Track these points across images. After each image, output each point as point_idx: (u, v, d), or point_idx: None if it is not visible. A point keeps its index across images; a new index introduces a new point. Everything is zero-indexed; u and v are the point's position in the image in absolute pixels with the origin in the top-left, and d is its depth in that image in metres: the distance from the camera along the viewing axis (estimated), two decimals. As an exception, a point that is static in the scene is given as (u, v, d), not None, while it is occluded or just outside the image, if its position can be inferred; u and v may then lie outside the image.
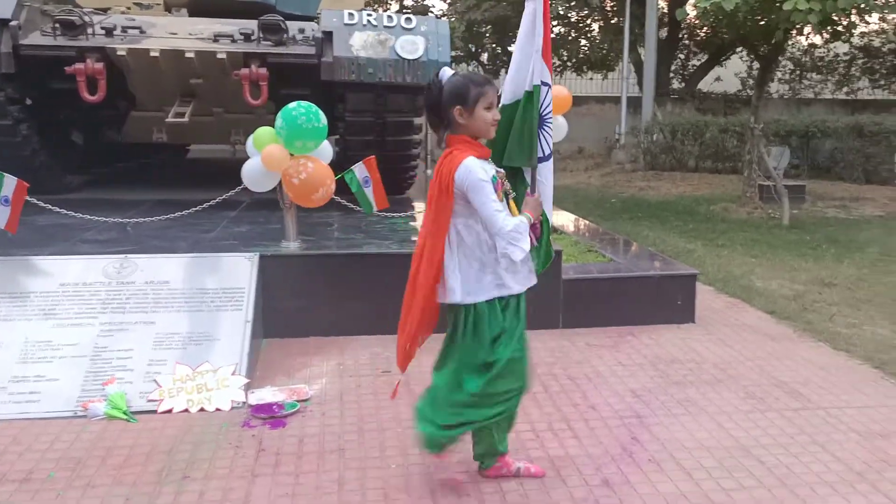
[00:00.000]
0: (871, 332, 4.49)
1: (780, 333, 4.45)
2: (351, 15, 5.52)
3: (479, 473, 2.65)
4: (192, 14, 6.26)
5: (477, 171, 2.32)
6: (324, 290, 4.14)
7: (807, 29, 9.12)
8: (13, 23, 5.12)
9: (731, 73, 19.93)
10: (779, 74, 19.30)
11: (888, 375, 3.76)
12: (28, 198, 3.83)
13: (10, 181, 3.69)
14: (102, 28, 5.31)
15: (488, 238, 2.39)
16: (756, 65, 15.77)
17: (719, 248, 7.09)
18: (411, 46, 5.49)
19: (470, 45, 18.54)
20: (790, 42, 15.33)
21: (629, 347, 4.12)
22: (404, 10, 18.76)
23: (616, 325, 4.44)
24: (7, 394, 3.15)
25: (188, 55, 5.31)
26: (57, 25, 5.22)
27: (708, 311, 4.83)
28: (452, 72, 2.42)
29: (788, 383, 3.62)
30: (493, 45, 19.50)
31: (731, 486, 2.63)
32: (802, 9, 7.58)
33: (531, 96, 2.46)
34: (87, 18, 5.28)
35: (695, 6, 8.76)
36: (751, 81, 18.72)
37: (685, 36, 19.27)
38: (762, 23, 8.75)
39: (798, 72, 19.88)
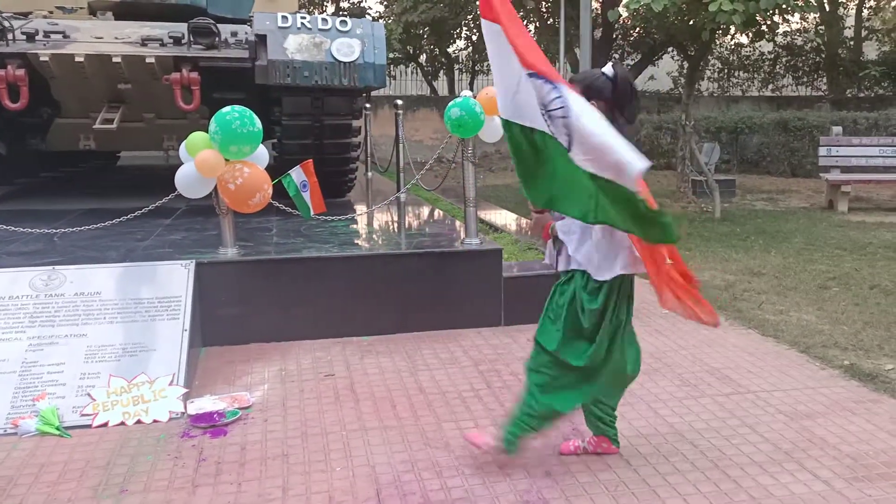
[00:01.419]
0: (796, 318, 4.71)
1: (713, 322, 4.62)
2: (285, 18, 5.47)
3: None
4: (118, 18, 6.07)
5: None
6: (264, 296, 4.10)
7: (732, 29, 9.48)
8: (-73, 28, 4.88)
9: (663, 73, 20.56)
10: (708, 73, 20.03)
11: (813, 359, 3.95)
12: (-54, 210, 3.66)
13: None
14: (23, 33, 5.11)
15: None
16: (686, 64, 16.31)
17: (655, 242, 7.30)
18: (347, 49, 5.48)
19: (408, 48, 18.56)
20: (717, 42, 15.93)
21: (569, 341, 4.21)
22: (341, 13, 18.65)
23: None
24: (-72, 415, 3.01)
25: (115, 60, 5.16)
26: (-26, 30, 5.00)
27: (644, 304, 4.95)
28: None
29: (720, 369, 3.77)
30: (431, 47, 19.58)
31: (668, 470, 2.73)
32: (727, 10, 7.88)
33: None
34: (6, 23, 5.07)
35: (626, 7, 9.00)
36: (682, 80, 19.34)
37: (619, 36, 19.76)
38: (690, 23, 9.06)
39: (726, 70, 20.66)
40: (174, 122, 5.96)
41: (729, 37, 15.94)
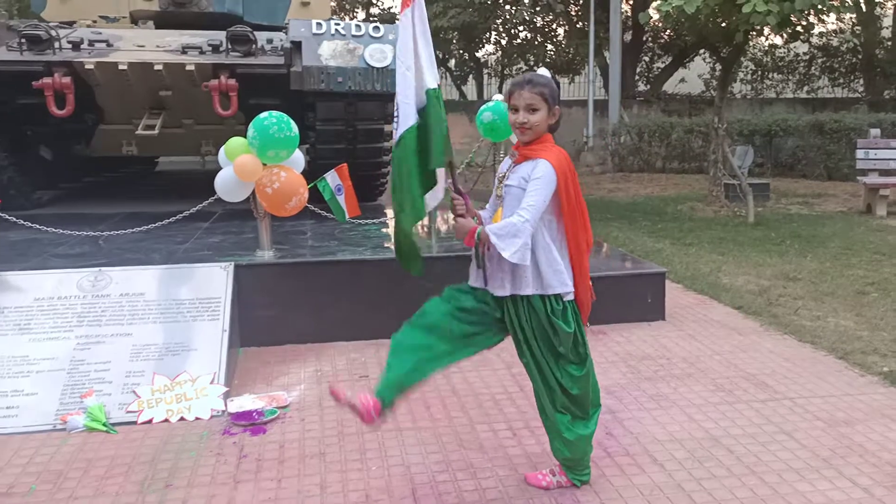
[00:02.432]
0: (834, 323, 4.65)
1: (747, 327, 4.59)
2: (319, 24, 5.56)
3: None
4: (158, 26, 6.24)
5: None
6: (299, 298, 4.18)
7: (766, 30, 9.37)
8: (-23, 38, 5.07)
9: (694, 75, 20.36)
10: (741, 75, 19.77)
11: (851, 365, 3.90)
12: (-2, 213, 3.81)
13: (-20, 197, 3.66)
14: (69, 42, 5.28)
15: None
16: (718, 66, 16.12)
17: (687, 247, 7.26)
18: (380, 55, 5.55)
19: (437, 52, 18.65)
20: (751, 43, 15.73)
21: (601, 345, 4.22)
22: (370, 19, 18.83)
23: (588, 323, 4.52)
24: (-16, 410, 3.14)
25: (157, 67, 5.31)
26: (23, 40, 5.18)
27: (677, 308, 4.95)
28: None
29: (756, 375, 3.75)
30: (461, 52, 19.66)
31: (703, 475, 2.72)
32: (761, 10, 7.79)
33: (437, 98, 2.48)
34: (53, 33, 5.25)
35: (657, 10, 8.95)
36: (714, 82, 19.12)
37: (649, 39, 19.64)
38: (723, 25, 8.98)
39: (759, 72, 20.38)
40: (212, 127, 6.10)
41: (763, 38, 15.75)
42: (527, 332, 2.46)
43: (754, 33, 9.63)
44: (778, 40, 16.39)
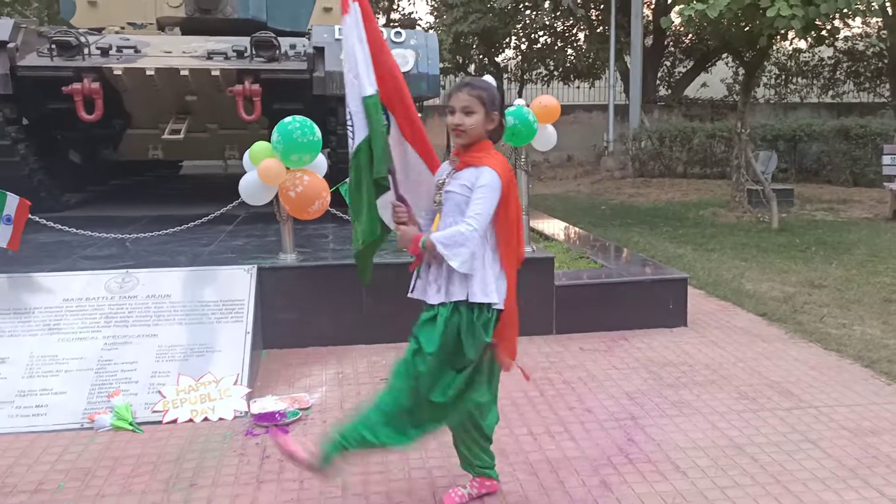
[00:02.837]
0: (860, 331, 4.58)
1: (772, 335, 4.54)
2: (341, 30, 5.61)
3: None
4: (185, 32, 6.34)
5: None
6: (321, 301, 4.21)
7: (791, 34, 9.27)
8: (10, 45, 5.19)
9: (717, 80, 20.19)
10: (764, 79, 19.58)
11: (878, 374, 3.84)
12: (29, 216, 3.88)
13: (13, 200, 3.74)
14: (98, 48, 5.39)
15: None
16: (741, 70, 15.97)
17: (709, 253, 7.20)
18: (401, 59, 5.59)
19: (458, 57, 18.69)
20: (775, 47, 15.56)
21: (622, 351, 4.20)
22: (391, 25, 18.93)
23: (609, 329, 4.52)
24: (14, 408, 3.20)
25: (183, 73, 5.39)
26: (53, 46, 5.29)
27: (699, 315, 4.92)
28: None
29: (780, 383, 3.71)
30: (481, 56, 19.68)
31: (727, 483, 2.70)
32: (785, 14, 7.72)
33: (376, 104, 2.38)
34: (82, 39, 5.35)
35: (679, 14, 8.90)
36: (737, 87, 18.95)
37: (671, 43, 19.52)
38: (746, 29, 8.91)
39: (783, 76, 20.17)
40: (236, 132, 6.17)
41: (787, 42, 15.56)
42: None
43: (778, 37, 9.53)
44: (802, 44, 16.19)
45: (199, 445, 3.00)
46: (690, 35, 18.19)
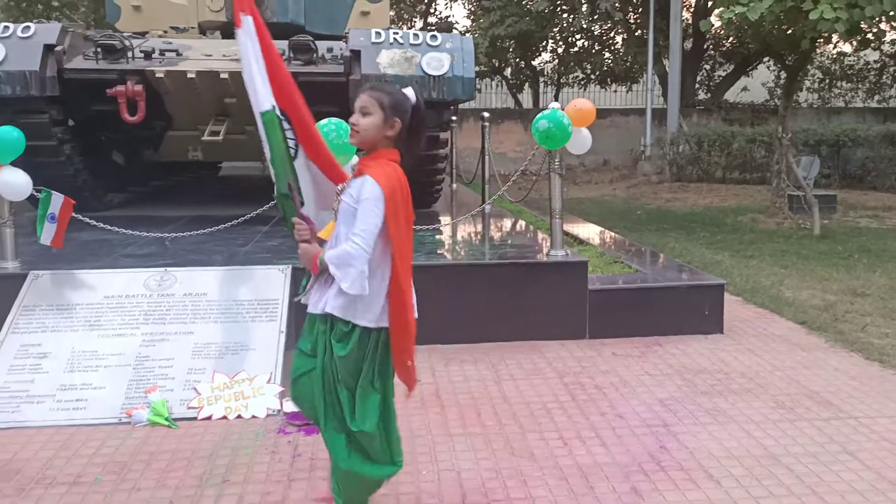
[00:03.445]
0: (903, 341, 4.45)
1: (811, 343, 4.43)
2: (378, 34, 5.66)
3: None
4: (225, 36, 6.46)
5: None
6: (354, 302, 4.23)
7: (834, 37, 9.06)
8: (57, 48, 5.35)
9: (757, 83, 19.81)
10: (807, 83, 19.15)
11: (921, 385, 3.73)
12: (73, 214, 4.00)
13: (58, 199, 3.86)
14: (141, 51, 5.52)
15: None
16: (783, 74, 15.63)
17: (747, 259, 7.06)
18: (437, 63, 5.61)
19: (494, 61, 18.69)
20: (818, 50, 15.20)
21: (656, 357, 4.14)
22: (428, 28, 19.00)
23: (642, 335, 4.47)
24: (56, 401, 3.30)
25: (223, 76, 5.49)
26: (99, 50, 5.44)
27: (736, 322, 4.82)
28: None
29: (819, 393, 3.62)
30: (517, 60, 19.64)
31: (761, 494, 2.65)
32: (829, 17, 7.55)
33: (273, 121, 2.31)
34: (127, 42, 5.50)
35: (720, 17, 8.76)
36: (778, 91, 18.57)
37: (710, 46, 19.22)
38: (788, 32, 8.73)
39: (827, 80, 19.69)
40: (273, 134, 6.25)
41: (831, 45, 15.19)
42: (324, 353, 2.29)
43: (821, 41, 9.33)
44: (847, 48, 15.79)
45: (233, 442, 3.05)
46: (731, 38, 17.90)
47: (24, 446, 3.01)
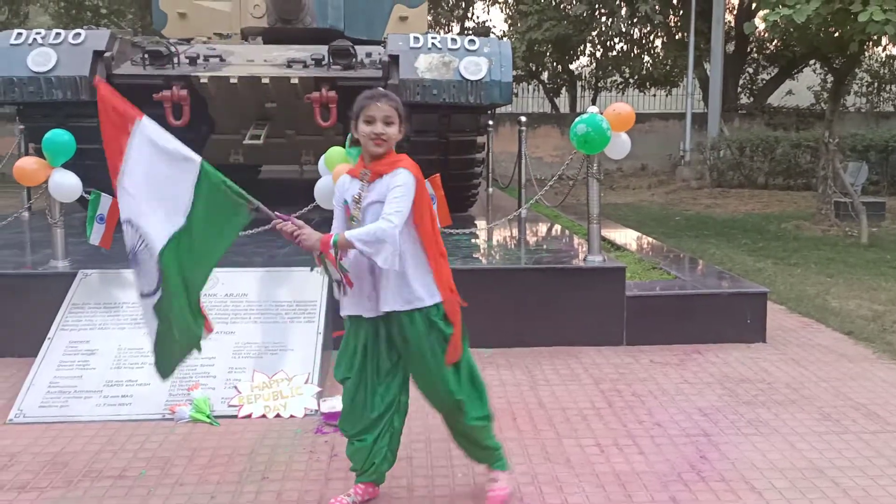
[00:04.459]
0: (956, 354, 4.30)
1: (858, 354, 4.31)
2: (416, 38, 5.70)
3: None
4: (266, 42, 6.58)
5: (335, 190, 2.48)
6: (391, 305, 4.26)
7: (884, 40, 8.81)
8: (107, 54, 5.51)
9: (803, 87, 19.36)
10: (855, 87, 18.63)
11: (975, 399, 3.59)
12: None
13: (107, 200, 3.97)
14: (187, 57, 5.65)
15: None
16: (830, 78, 15.25)
17: (791, 267, 6.90)
18: (475, 67, 5.62)
19: (531, 65, 18.63)
20: (867, 54, 14.80)
21: (695, 366, 4.08)
22: (465, 32, 19.04)
23: (681, 343, 4.40)
24: (102, 397, 3.39)
25: (264, 81, 5.59)
26: (146, 56, 5.59)
27: (779, 331, 4.72)
28: None
29: (866, 405, 3.51)
30: (554, 64, 19.54)
31: (805, 506, 2.58)
32: (878, 20, 7.35)
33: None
34: (172, 49, 5.64)
35: (764, 19, 8.60)
36: (825, 95, 18.12)
37: (754, 49, 18.85)
38: (836, 35, 8.52)
39: (876, 84, 19.13)
40: (312, 138, 6.34)
41: (880, 48, 14.78)
42: (412, 346, 2.41)
43: (870, 43, 9.08)
44: (897, 50, 15.37)
45: (272, 441, 3.09)
46: (775, 41, 17.52)
47: (71, 440, 3.10)
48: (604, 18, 17.80)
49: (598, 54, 19.57)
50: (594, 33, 18.40)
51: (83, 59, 5.45)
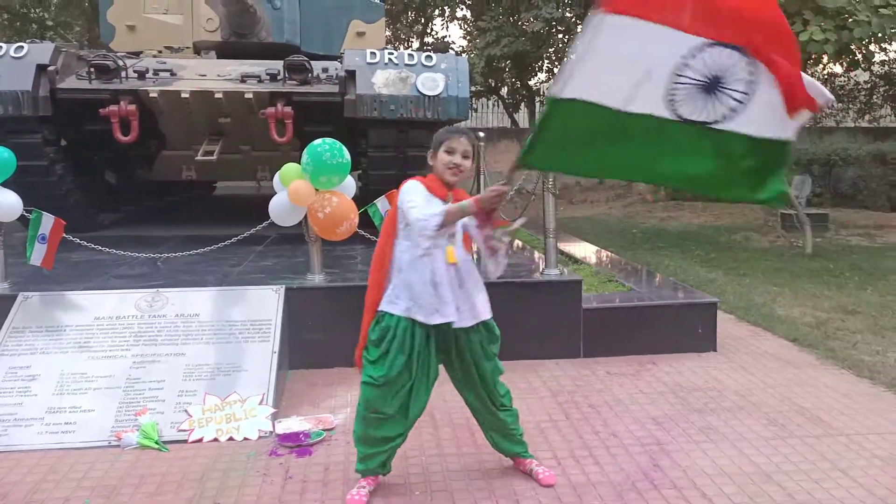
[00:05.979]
0: (894, 358, 4.45)
1: (803, 361, 4.44)
2: (373, 54, 5.71)
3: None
4: (220, 56, 6.50)
5: (410, 189, 2.57)
6: (348, 322, 4.20)
7: (825, 59, 9.17)
8: (50, 67, 5.37)
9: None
10: (798, 103, 19.26)
11: (913, 403, 3.73)
12: (63, 235, 3.99)
13: (48, 220, 3.86)
14: (135, 71, 5.55)
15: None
16: (775, 94, 15.69)
17: (741, 277, 7.08)
18: (432, 83, 5.65)
19: (490, 81, 18.80)
20: (808, 72, 15.35)
21: (650, 375, 4.14)
22: (425, 48, 19.14)
23: (637, 353, 4.46)
24: (44, 424, 3.26)
25: (217, 96, 5.52)
26: (92, 70, 5.47)
27: (729, 340, 4.83)
28: None
29: (810, 410, 3.61)
30: (513, 80, 19.78)
31: (754, 512, 2.64)
32: (818, 39, 7.65)
33: None
34: (120, 62, 5.52)
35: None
36: (770, 110, 18.67)
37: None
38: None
39: (818, 100, 19.85)
40: (268, 153, 6.28)
41: (821, 66, 15.36)
42: (477, 355, 2.74)
43: (811, 62, 9.43)
44: (838, 69, 15.97)
45: (224, 465, 3.02)
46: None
47: (11, 470, 2.98)
48: (560, 35, 18.13)
49: (556, 70, 19.88)
50: (551, 50, 18.71)
51: (26, 73, 5.29)
